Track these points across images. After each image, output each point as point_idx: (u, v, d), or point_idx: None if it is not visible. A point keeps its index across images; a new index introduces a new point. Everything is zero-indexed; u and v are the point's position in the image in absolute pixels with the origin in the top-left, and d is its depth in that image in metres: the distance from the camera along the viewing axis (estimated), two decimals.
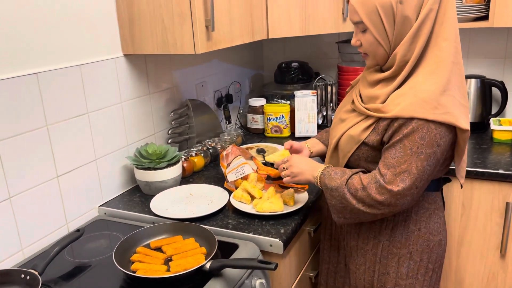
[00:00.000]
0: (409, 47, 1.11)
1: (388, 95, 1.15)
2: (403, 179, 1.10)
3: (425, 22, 1.09)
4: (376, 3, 1.09)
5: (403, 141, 1.10)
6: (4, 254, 1.22)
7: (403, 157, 1.10)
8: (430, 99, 1.07)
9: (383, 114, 1.13)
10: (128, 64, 1.60)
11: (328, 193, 1.21)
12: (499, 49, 2.15)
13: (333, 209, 1.22)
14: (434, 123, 1.07)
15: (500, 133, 1.91)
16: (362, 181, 1.15)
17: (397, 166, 1.10)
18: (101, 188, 1.54)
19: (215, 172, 1.78)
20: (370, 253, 1.28)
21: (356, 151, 1.21)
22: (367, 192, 1.13)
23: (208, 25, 1.42)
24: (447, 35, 1.10)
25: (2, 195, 1.20)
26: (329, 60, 2.57)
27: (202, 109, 1.96)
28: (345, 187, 1.17)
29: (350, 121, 1.25)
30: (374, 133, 1.17)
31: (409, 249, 1.24)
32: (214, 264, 1.08)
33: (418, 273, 1.26)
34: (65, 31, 1.35)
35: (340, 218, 1.22)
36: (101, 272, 1.18)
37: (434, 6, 1.08)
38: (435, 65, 1.10)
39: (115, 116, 1.57)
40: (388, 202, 1.12)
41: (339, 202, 1.19)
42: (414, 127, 1.08)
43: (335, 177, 1.20)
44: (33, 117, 1.27)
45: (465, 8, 1.87)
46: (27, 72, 1.24)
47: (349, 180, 1.17)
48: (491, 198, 1.70)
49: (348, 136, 1.23)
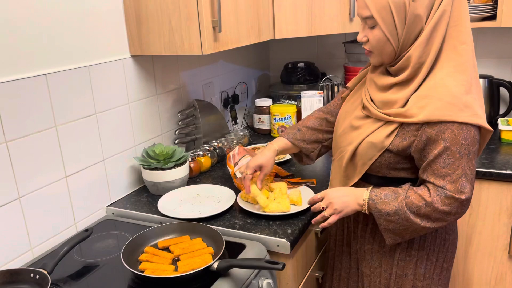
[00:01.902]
0: (424, 48, 1.09)
1: (407, 98, 1.12)
2: (463, 184, 1.08)
3: (440, 23, 1.08)
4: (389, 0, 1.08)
5: (449, 148, 1.07)
6: (14, 253, 1.24)
7: (455, 162, 1.08)
8: (456, 102, 1.06)
9: (409, 119, 1.10)
10: (136, 65, 1.61)
11: (383, 219, 1.14)
12: (507, 49, 2.14)
13: (388, 233, 1.16)
14: (467, 124, 1.06)
15: (508, 133, 1.90)
16: (423, 197, 1.10)
17: (452, 173, 1.08)
18: (109, 188, 1.55)
19: (222, 172, 1.78)
20: (387, 255, 1.26)
21: (378, 158, 1.18)
22: (432, 206, 1.09)
23: (215, 26, 1.42)
24: (464, 38, 1.09)
25: (12, 195, 1.22)
26: (335, 60, 2.57)
27: (209, 109, 1.97)
28: (406, 208, 1.11)
29: (366, 127, 1.20)
30: (399, 139, 1.13)
31: (427, 250, 1.23)
32: (222, 264, 1.09)
33: (434, 273, 1.25)
34: (73, 33, 1.36)
35: (397, 240, 1.17)
36: (109, 271, 1.19)
37: (448, 7, 1.07)
38: (454, 68, 1.09)
39: (123, 117, 1.58)
40: (455, 211, 1.10)
41: (399, 225, 1.13)
42: (453, 131, 1.06)
43: (388, 200, 1.13)
44: (42, 117, 1.28)
45: (472, 8, 1.87)
46: (36, 73, 1.25)
47: (406, 199, 1.12)
48: (499, 199, 1.69)
49: (369, 143, 1.18)
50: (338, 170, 1.30)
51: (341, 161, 1.28)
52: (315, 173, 1.71)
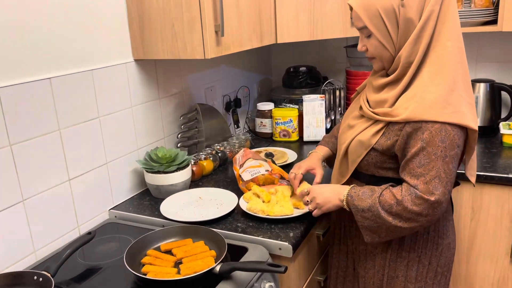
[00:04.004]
0: (412, 48, 1.11)
1: (396, 98, 1.15)
2: (435, 186, 1.09)
3: (427, 23, 1.09)
4: (378, 7, 1.10)
5: (425, 148, 1.08)
6: (17, 256, 1.24)
7: (430, 163, 1.09)
8: (438, 100, 1.07)
9: (393, 118, 1.13)
10: (139, 69, 1.62)
11: (359, 215, 1.17)
12: (508, 53, 2.14)
13: (365, 231, 1.19)
14: (449, 124, 1.07)
15: (510, 137, 1.90)
16: (395, 196, 1.12)
17: (426, 174, 1.09)
18: (112, 191, 1.56)
19: (224, 175, 1.79)
20: (379, 256, 1.27)
21: (365, 157, 1.21)
22: (402, 205, 1.11)
23: (218, 30, 1.43)
24: (450, 36, 1.11)
25: (16, 198, 1.22)
26: (337, 64, 2.57)
27: (211, 113, 1.98)
28: (378, 205, 1.13)
29: (359, 126, 1.24)
30: (384, 138, 1.17)
31: (418, 252, 1.24)
32: (224, 267, 1.09)
33: (427, 277, 1.26)
34: (77, 37, 1.37)
35: (374, 238, 1.19)
36: (112, 274, 1.19)
37: (436, 7, 1.09)
38: (440, 65, 1.10)
39: (126, 121, 1.59)
40: (426, 212, 1.10)
41: (373, 222, 1.15)
42: (432, 132, 1.07)
43: (364, 197, 1.16)
44: (46, 121, 1.29)
45: (474, 13, 1.87)
46: (41, 77, 1.26)
47: (380, 197, 1.14)
48: (501, 203, 1.69)
49: (358, 142, 1.22)
50: (335, 167, 1.36)
51: (337, 159, 1.33)
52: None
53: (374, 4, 1.11)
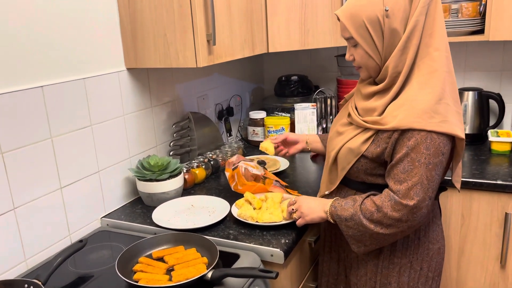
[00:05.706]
0: (399, 58, 1.13)
1: (385, 106, 1.17)
2: (416, 192, 1.10)
3: (413, 33, 1.12)
4: (364, 18, 1.13)
5: (410, 154, 1.11)
6: (8, 264, 1.23)
7: (413, 170, 1.10)
8: (426, 109, 1.09)
9: (382, 126, 1.15)
10: (131, 78, 1.63)
11: (343, 225, 1.20)
12: (496, 62, 2.18)
13: (351, 240, 1.21)
14: (436, 132, 1.09)
15: (498, 144, 1.94)
16: (375, 203, 1.15)
17: (409, 180, 1.11)
18: (104, 199, 1.55)
19: (216, 183, 1.79)
20: (371, 263, 1.28)
21: (355, 164, 1.23)
22: (382, 212, 1.13)
23: (210, 39, 1.45)
24: (438, 45, 1.13)
25: (7, 206, 1.22)
26: (328, 73, 2.60)
27: (204, 121, 1.99)
28: (360, 214, 1.16)
29: (348, 134, 1.26)
30: (374, 145, 1.18)
31: (410, 258, 1.25)
32: (216, 273, 1.10)
33: (419, 282, 1.27)
34: (69, 46, 1.38)
35: (360, 247, 1.21)
36: (103, 282, 1.19)
37: (421, 17, 1.11)
38: (428, 75, 1.13)
39: (118, 129, 1.59)
40: (406, 218, 1.12)
41: (356, 230, 1.18)
42: (417, 139, 1.09)
43: (346, 207, 1.19)
44: (38, 129, 1.29)
45: (461, 22, 1.91)
46: (33, 86, 1.27)
47: (361, 206, 1.17)
48: (490, 209, 1.71)
49: (347, 149, 1.24)
50: (325, 174, 1.37)
51: (326, 166, 1.35)
52: (309, 183, 1.72)
53: (359, 14, 1.14)
